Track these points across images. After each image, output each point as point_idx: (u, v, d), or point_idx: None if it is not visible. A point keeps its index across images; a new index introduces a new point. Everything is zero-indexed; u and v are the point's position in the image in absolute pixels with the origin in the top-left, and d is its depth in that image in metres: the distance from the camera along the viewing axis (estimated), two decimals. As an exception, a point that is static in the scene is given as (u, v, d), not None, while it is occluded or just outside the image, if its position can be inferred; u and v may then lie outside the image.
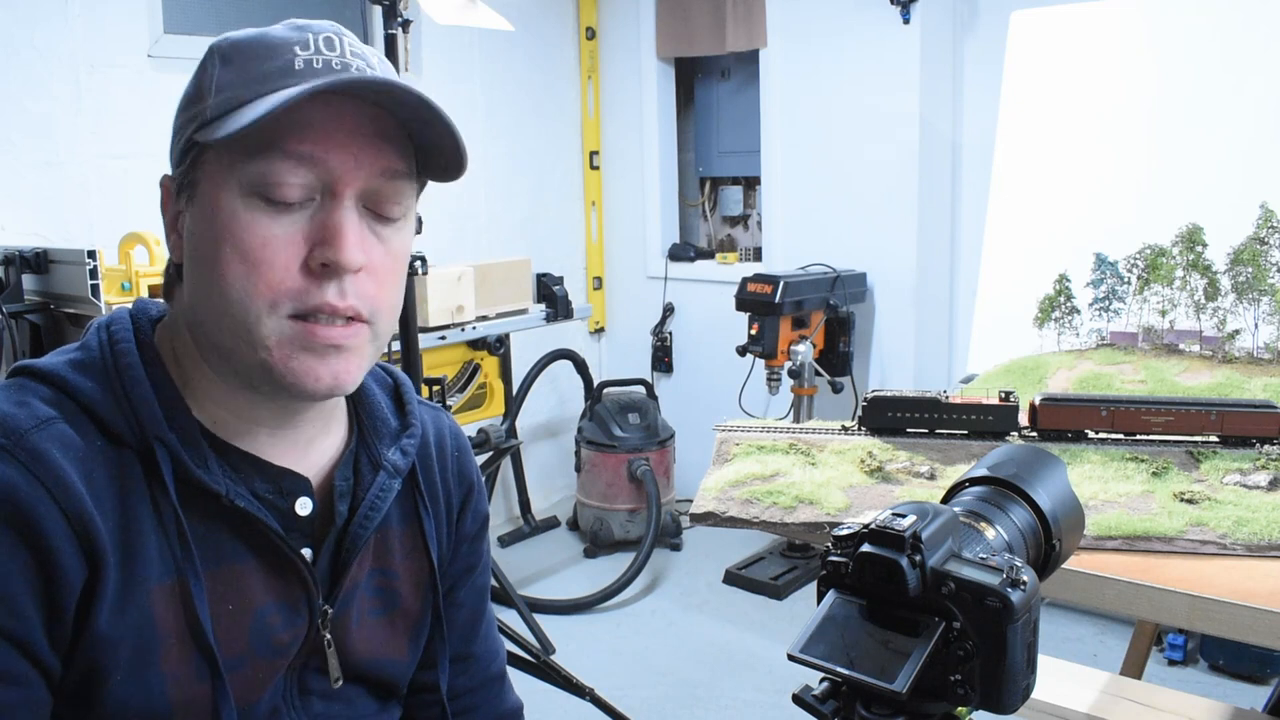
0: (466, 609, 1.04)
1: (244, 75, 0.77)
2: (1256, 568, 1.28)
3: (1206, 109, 2.72)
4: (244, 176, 0.76)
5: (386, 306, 0.82)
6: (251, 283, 0.76)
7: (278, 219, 0.76)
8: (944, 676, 0.63)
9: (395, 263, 0.83)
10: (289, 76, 0.76)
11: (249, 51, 0.79)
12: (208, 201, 0.78)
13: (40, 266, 2.46)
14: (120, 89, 2.98)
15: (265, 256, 0.76)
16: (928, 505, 0.66)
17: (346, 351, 0.79)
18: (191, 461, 0.78)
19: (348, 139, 0.77)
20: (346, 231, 0.77)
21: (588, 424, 4.07)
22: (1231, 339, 1.89)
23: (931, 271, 3.71)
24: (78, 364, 0.80)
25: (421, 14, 2.89)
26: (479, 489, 1.05)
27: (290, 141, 0.75)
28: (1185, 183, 2.53)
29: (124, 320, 0.84)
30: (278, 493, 0.84)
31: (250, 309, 0.76)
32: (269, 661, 0.83)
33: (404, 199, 0.82)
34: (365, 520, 0.88)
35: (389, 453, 0.92)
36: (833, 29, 3.76)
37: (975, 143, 3.57)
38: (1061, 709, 1.75)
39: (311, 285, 0.77)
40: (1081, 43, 3.11)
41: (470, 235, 4.04)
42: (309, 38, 0.79)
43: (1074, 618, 3.31)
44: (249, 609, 0.82)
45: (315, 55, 0.78)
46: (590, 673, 2.77)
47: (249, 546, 0.82)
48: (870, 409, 1.67)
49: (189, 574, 0.77)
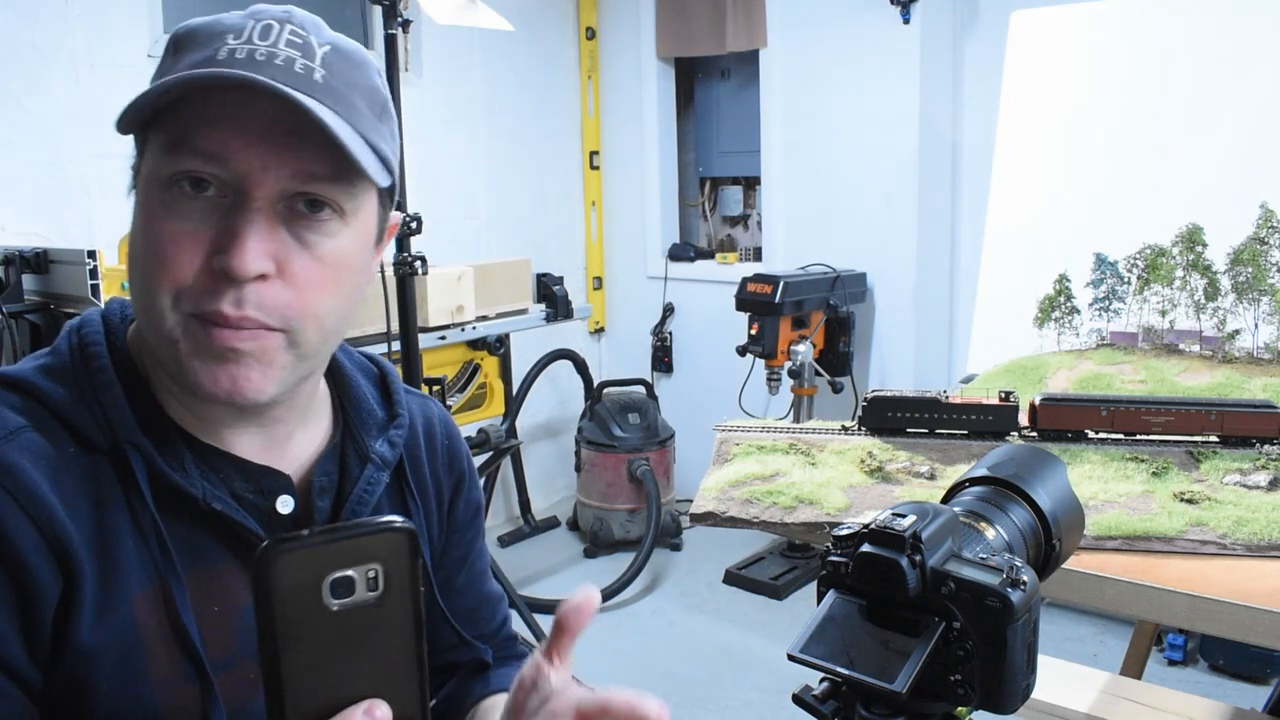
0: (469, 596, 1.03)
1: (176, 65, 0.75)
2: (1256, 568, 1.28)
3: (1206, 109, 2.72)
4: (159, 170, 0.74)
5: (312, 314, 0.76)
6: (156, 277, 0.73)
7: (187, 216, 0.73)
8: (944, 676, 0.63)
9: (326, 269, 0.77)
10: (204, 67, 0.72)
11: (192, 39, 0.76)
12: (139, 193, 0.77)
13: (40, 266, 2.46)
14: (120, 89, 2.95)
15: (170, 252, 0.73)
16: (928, 505, 0.66)
17: (247, 359, 0.74)
18: (166, 465, 0.76)
19: (257, 139, 0.72)
20: (243, 238, 0.72)
21: (588, 424, 4.07)
22: (1231, 339, 1.89)
23: (931, 271, 3.71)
24: (47, 369, 0.78)
25: (421, 14, 2.89)
26: (470, 477, 1.03)
27: (198, 137, 0.72)
28: (1185, 183, 2.53)
29: (94, 322, 0.82)
30: (258, 492, 0.82)
31: (156, 302, 0.74)
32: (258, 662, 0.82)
33: (340, 201, 0.76)
34: (353, 515, 0.86)
35: (376, 444, 0.90)
36: (833, 29, 3.76)
37: (975, 143, 3.57)
38: (1061, 709, 1.75)
39: (210, 288, 0.73)
40: (1081, 43, 3.11)
41: (470, 235, 4.04)
42: (249, 25, 0.75)
43: (1074, 618, 3.31)
44: (235, 610, 0.80)
45: (243, 44, 0.73)
46: (590, 673, 2.77)
47: (229, 548, 0.80)
48: (870, 409, 1.67)
49: (170, 578, 0.76)
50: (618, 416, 4.00)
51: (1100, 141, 2.99)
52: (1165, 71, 2.85)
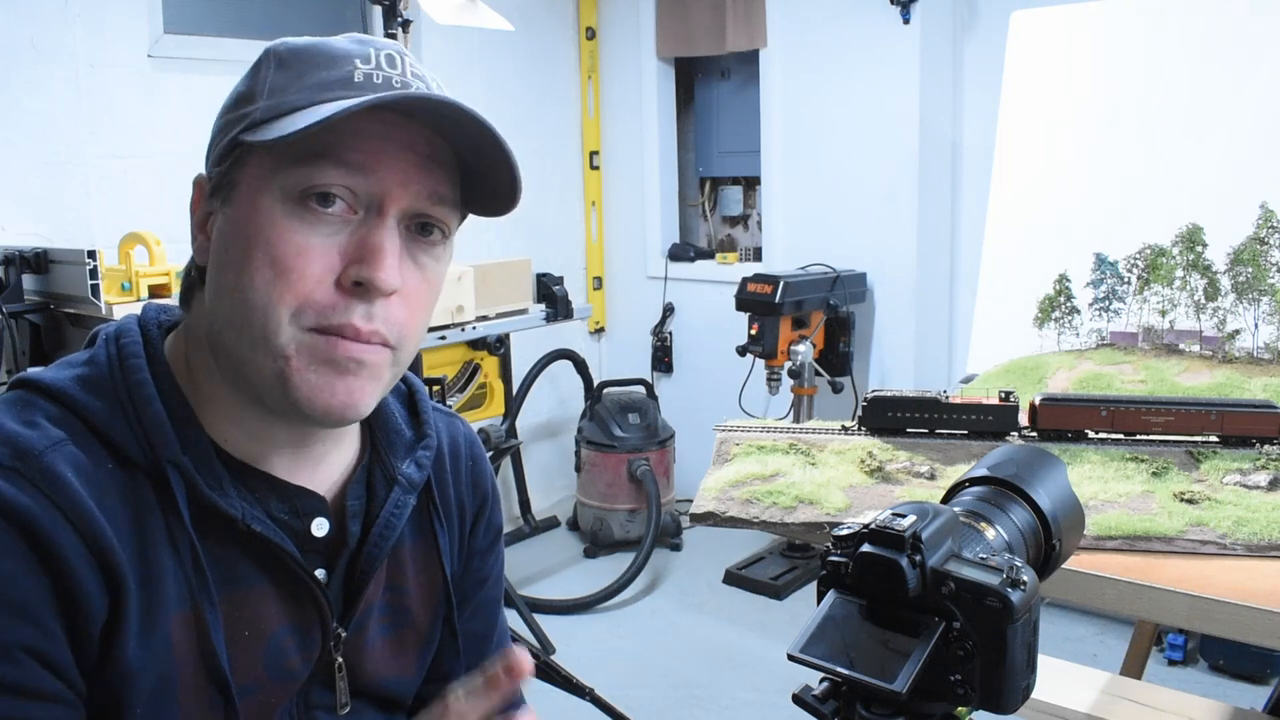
0: (478, 622, 1.01)
1: (300, 81, 0.75)
2: (1256, 568, 1.28)
3: (1206, 109, 2.72)
4: (288, 181, 0.73)
5: (414, 335, 0.79)
6: (278, 290, 0.72)
7: (316, 228, 0.73)
8: (944, 676, 0.63)
9: (430, 291, 0.80)
10: (348, 88, 0.74)
11: (307, 58, 0.77)
12: (245, 204, 0.75)
13: (40, 266, 2.47)
14: (120, 89, 2.98)
15: (298, 265, 0.73)
16: (928, 505, 0.66)
17: (366, 370, 0.76)
18: (206, 485, 0.75)
19: (399, 156, 0.75)
20: (387, 252, 0.74)
21: (588, 424, 4.07)
22: (1231, 339, 1.89)
23: (931, 271, 3.71)
24: (86, 381, 0.76)
25: (421, 14, 2.89)
26: (494, 500, 1.01)
27: (342, 150, 0.73)
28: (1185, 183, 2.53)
29: (133, 332, 0.80)
30: (293, 513, 0.80)
31: (272, 316, 0.73)
32: (282, 686, 0.81)
33: (448, 226, 0.80)
34: (381, 539, 0.85)
35: (403, 465, 0.88)
36: (833, 29, 3.76)
37: (975, 143, 3.57)
38: (1061, 709, 1.75)
39: (340, 302, 0.74)
40: (1081, 43, 3.11)
41: (470, 235, 4.04)
42: (370, 52, 0.77)
43: (1074, 618, 3.31)
44: (264, 635, 0.79)
45: (376, 70, 0.76)
46: (590, 673, 2.77)
47: (263, 570, 0.79)
48: (870, 409, 1.67)
49: (204, 602, 0.74)
50: (618, 416, 4.00)
51: (1100, 141, 2.99)
52: (1165, 71, 2.85)
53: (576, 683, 2.66)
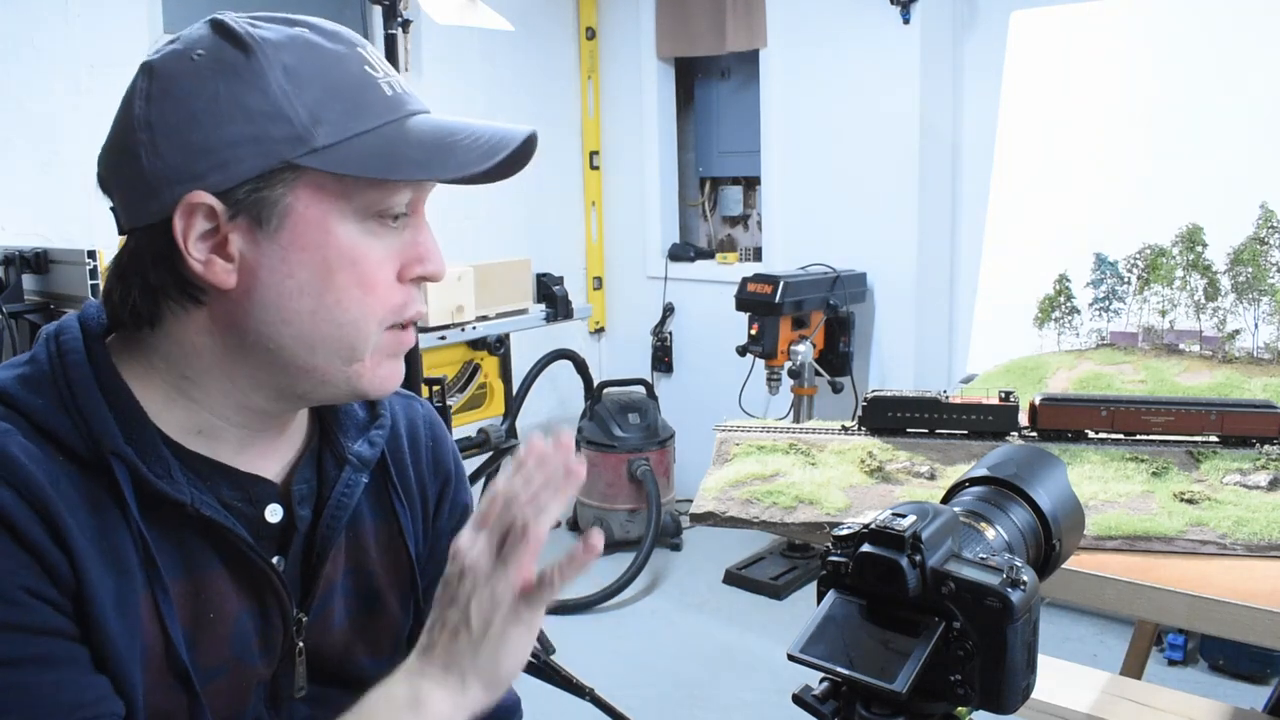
0: None
1: (337, 100, 0.75)
2: (1256, 568, 1.28)
3: (1206, 108, 2.72)
4: (363, 202, 0.76)
5: None
6: (369, 305, 0.77)
7: (383, 239, 0.78)
8: (944, 676, 0.63)
9: None
10: (398, 109, 0.78)
11: (316, 68, 0.75)
12: (312, 228, 0.75)
13: (40, 266, 2.47)
14: (120, 89, 2.97)
15: (380, 277, 0.78)
16: (928, 505, 0.66)
17: None
18: (152, 473, 0.75)
19: None
20: (437, 248, 0.82)
21: (588, 424, 4.07)
22: (1231, 339, 1.89)
23: (931, 271, 3.71)
24: (26, 380, 0.76)
25: (421, 14, 2.89)
26: (458, 479, 1.00)
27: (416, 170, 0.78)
28: (1185, 183, 2.53)
29: (72, 329, 0.79)
30: (246, 500, 0.81)
31: (363, 329, 0.78)
32: (252, 668, 0.82)
33: None
34: (333, 520, 0.86)
35: (355, 444, 0.89)
36: (833, 29, 3.76)
37: (975, 143, 3.56)
38: (1061, 709, 1.75)
39: (408, 299, 0.80)
40: (1081, 43, 3.11)
41: (470, 235, 4.04)
42: (361, 53, 0.78)
43: (1074, 618, 3.31)
44: (229, 616, 0.80)
45: (386, 79, 0.78)
46: (590, 673, 2.76)
47: (219, 555, 0.79)
48: (870, 409, 1.67)
49: (156, 587, 0.75)
50: (618, 416, 4.00)
51: (1100, 141, 2.98)
52: (1165, 71, 2.85)
53: (576, 683, 2.65)
